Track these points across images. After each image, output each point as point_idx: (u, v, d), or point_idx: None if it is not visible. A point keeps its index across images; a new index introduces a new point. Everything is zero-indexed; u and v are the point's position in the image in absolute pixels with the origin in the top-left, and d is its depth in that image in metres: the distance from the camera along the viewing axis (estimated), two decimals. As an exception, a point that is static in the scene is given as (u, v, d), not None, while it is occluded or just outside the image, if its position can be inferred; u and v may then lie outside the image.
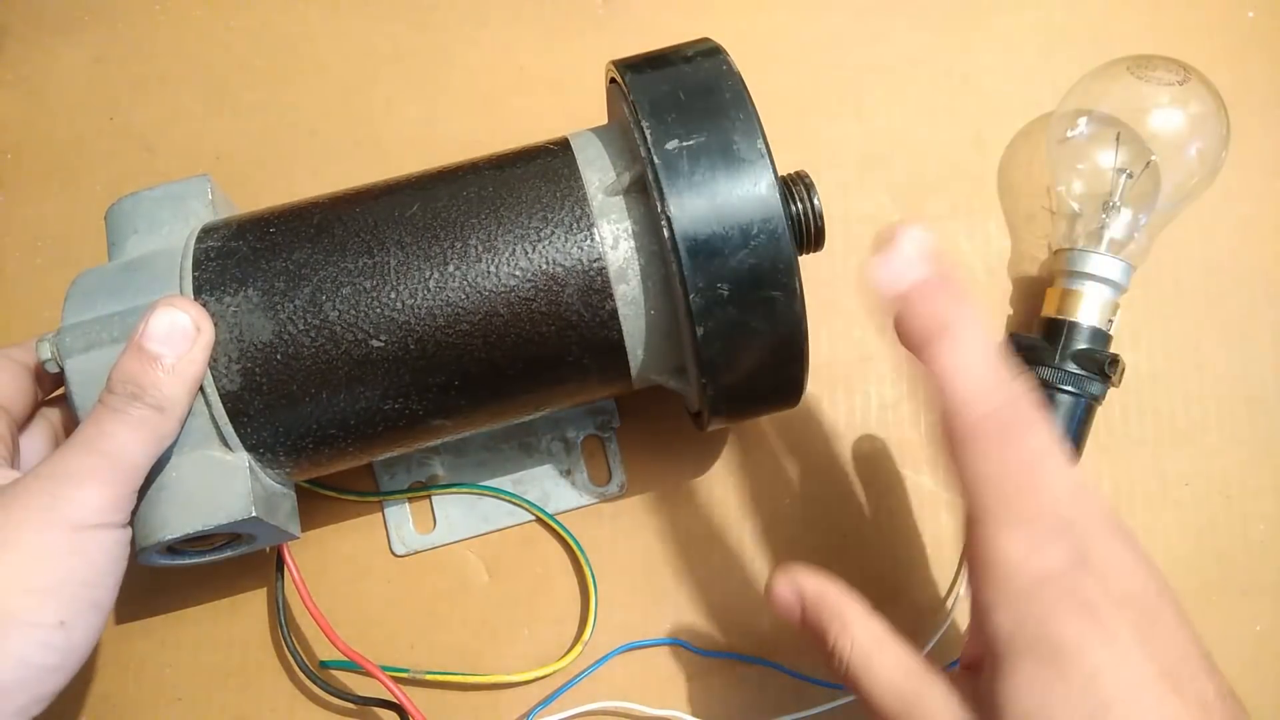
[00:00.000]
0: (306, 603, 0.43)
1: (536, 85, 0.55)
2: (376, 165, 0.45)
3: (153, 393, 0.36)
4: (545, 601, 0.49)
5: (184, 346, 0.36)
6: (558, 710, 0.46)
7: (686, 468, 0.50)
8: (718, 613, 0.48)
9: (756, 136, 0.37)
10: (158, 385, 0.36)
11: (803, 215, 0.40)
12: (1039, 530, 0.32)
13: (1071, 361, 0.46)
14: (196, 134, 0.55)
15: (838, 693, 0.46)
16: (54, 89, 0.55)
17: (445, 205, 0.39)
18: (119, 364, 0.36)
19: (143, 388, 0.36)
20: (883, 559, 0.49)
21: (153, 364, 0.36)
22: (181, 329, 0.36)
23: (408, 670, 0.46)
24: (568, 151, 0.40)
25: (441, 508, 0.49)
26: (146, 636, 0.48)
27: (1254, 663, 0.48)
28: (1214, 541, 0.49)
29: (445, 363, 0.38)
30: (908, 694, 0.34)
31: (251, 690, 0.48)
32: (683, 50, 0.40)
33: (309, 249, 0.38)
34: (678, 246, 0.36)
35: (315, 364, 0.38)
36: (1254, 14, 0.55)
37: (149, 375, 0.36)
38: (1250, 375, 0.51)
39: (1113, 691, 0.30)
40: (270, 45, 0.56)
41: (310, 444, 0.39)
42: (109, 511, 0.35)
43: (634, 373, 0.41)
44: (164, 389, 0.36)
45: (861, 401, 0.51)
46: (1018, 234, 0.53)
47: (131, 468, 0.36)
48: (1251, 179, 0.52)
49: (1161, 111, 0.48)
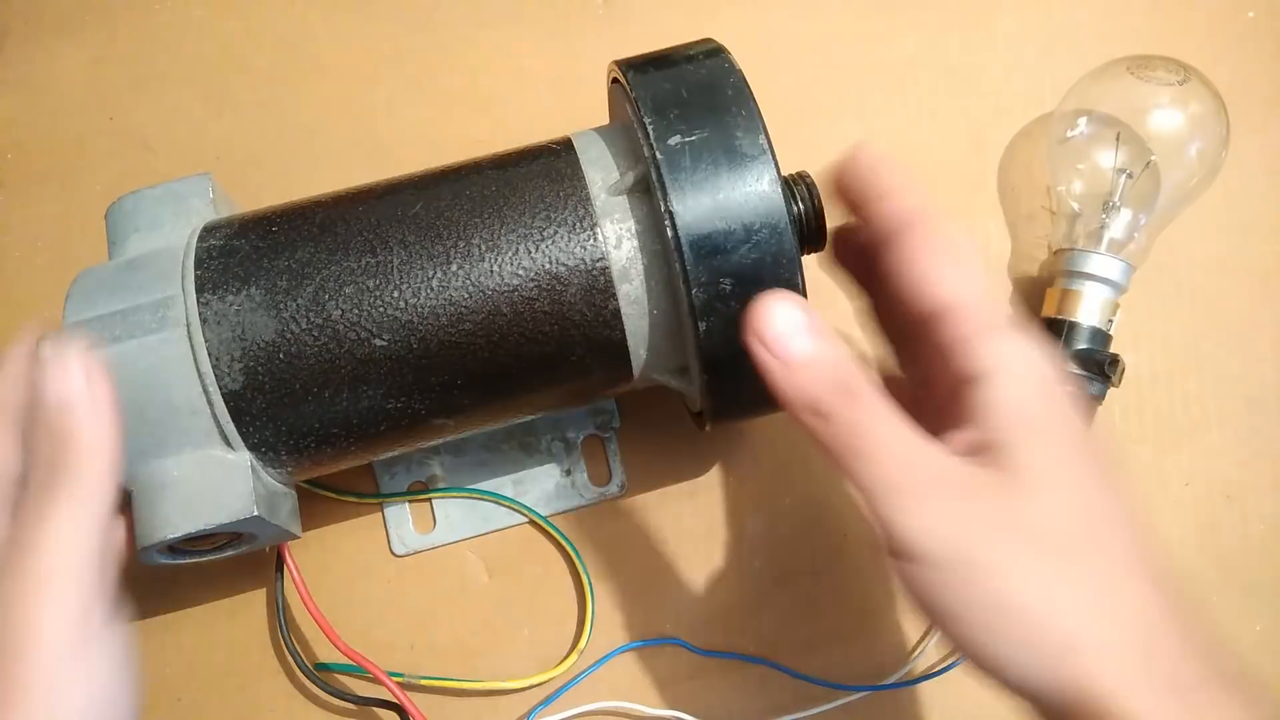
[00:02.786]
0: (306, 603, 0.43)
1: (537, 85, 0.55)
2: (376, 165, 0.45)
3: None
4: (545, 601, 0.49)
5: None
6: (558, 710, 0.46)
7: (686, 468, 0.50)
8: (718, 613, 0.48)
9: (759, 133, 0.37)
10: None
11: (804, 215, 0.40)
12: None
13: (1071, 361, 0.46)
14: (196, 134, 0.55)
15: (838, 693, 0.46)
16: (54, 89, 0.55)
17: (448, 204, 0.39)
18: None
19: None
20: (883, 560, 0.49)
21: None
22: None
23: (402, 675, 0.46)
24: (570, 151, 0.40)
25: (441, 508, 0.49)
26: (146, 636, 0.48)
27: (1254, 663, 0.48)
28: (1214, 541, 0.49)
29: (448, 362, 0.38)
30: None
31: (251, 690, 0.48)
32: (685, 50, 0.40)
33: (312, 248, 0.38)
34: (680, 242, 0.36)
35: (318, 363, 0.38)
36: (1254, 14, 0.55)
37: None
38: (1250, 375, 0.51)
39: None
40: (270, 45, 0.56)
41: (312, 443, 0.39)
42: (107, 611, 0.35)
43: (636, 372, 0.41)
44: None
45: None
46: (1018, 234, 0.53)
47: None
48: (1251, 179, 0.53)
49: (1161, 111, 0.48)
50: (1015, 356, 0.32)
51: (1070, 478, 0.31)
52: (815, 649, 0.48)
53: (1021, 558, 0.29)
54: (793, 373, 0.31)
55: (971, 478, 0.30)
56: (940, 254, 0.33)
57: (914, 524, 0.30)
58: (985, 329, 0.32)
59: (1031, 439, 0.31)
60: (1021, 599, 0.29)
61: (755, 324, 0.32)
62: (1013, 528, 0.30)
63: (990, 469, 0.30)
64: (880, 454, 0.30)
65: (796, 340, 0.32)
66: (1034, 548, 0.30)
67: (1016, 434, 0.31)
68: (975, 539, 0.30)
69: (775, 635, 0.48)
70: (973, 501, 0.30)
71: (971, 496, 0.30)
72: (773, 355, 0.32)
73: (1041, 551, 0.30)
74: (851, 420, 0.31)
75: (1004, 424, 0.31)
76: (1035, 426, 0.31)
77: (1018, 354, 0.32)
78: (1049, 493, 0.30)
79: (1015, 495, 0.30)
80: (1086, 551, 0.30)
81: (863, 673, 0.47)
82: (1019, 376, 0.31)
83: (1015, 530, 0.30)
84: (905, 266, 0.34)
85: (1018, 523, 0.30)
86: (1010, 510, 0.30)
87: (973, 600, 0.29)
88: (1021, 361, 0.32)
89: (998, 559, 0.29)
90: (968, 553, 0.29)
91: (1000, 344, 0.32)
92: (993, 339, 0.32)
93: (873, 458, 0.30)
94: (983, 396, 0.31)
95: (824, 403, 0.31)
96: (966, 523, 0.30)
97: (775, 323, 0.32)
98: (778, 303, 0.32)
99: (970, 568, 0.29)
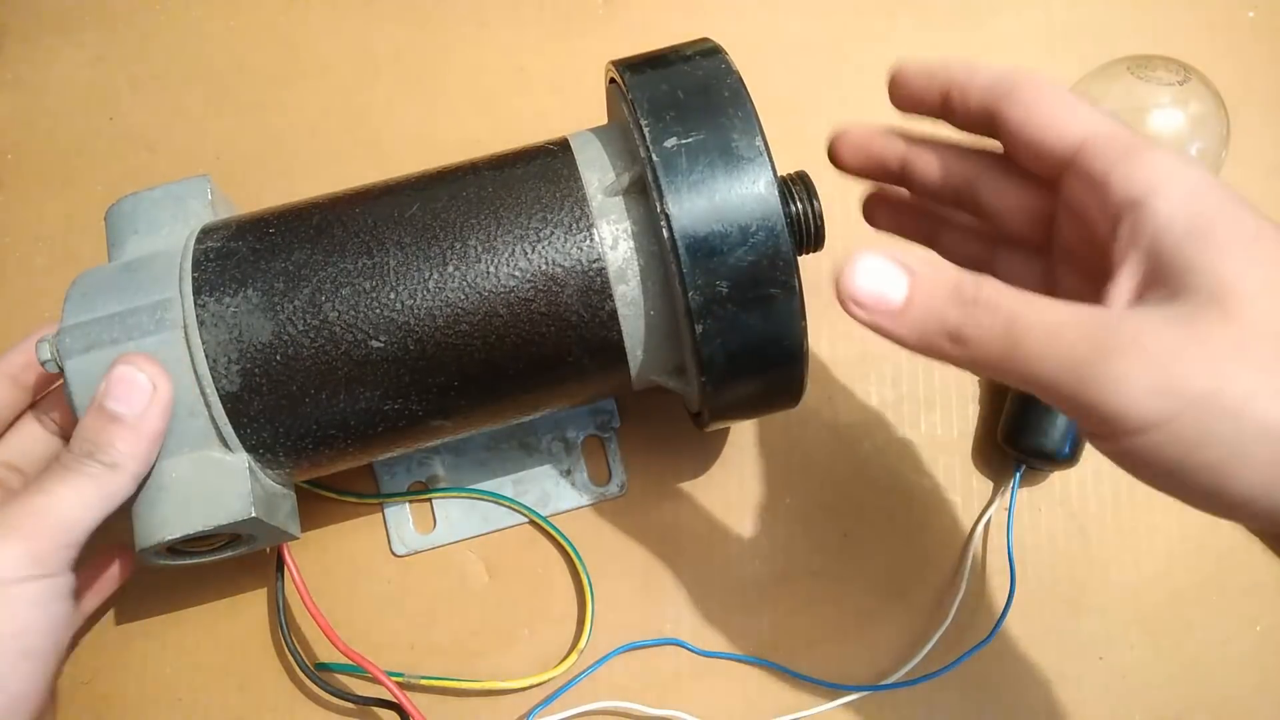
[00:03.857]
0: (306, 603, 0.43)
1: (536, 85, 0.55)
2: (376, 165, 0.45)
3: (107, 450, 0.36)
4: (545, 601, 0.49)
5: (141, 404, 0.36)
6: (558, 710, 0.46)
7: (686, 468, 0.50)
8: (718, 613, 0.48)
9: (755, 135, 0.37)
10: (112, 443, 0.36)
11: (802, 215, 0.40)
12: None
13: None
14: (196, 134, 0.55)
15: (838, 693, 0.46)
16: (54, 89, 0.55)
17: (445, 206, 0.39)
18: (81, 421, 0.37)
19: (98, 445, 0.36)
20: (882, 560, 0.49)
21: (110, 422, 0.36)
22: (139, 387, 0.36)
23: (402, 675, 0.46)
24: (567, 152, 0.40)
25: (441, 508, 0.49)
26: (146, 636, 0.48)
27: (1254, 663, 0.48)
28: (1214, 541, 0.49)
29: (445, 363, 0.38)
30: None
31: (251, 690, 0.48)
32: (682, 50, 0.40)
33: (308, 249, 0.38)
34: (677, 244, 0.36)
35: (315, 365, 0.38)
36: (1254, 14, 0.55)
37: (105, 433, 0.36)
38: (1250, 375, 0.51)
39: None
40: (270, 45, 0.56)
41: (310, 444, 0.39)
42: (30, 566, 0.36)
43: (634, 373, 0.41)
44: (119, 447, 0.36)
45: (862, 401, 0.51)
46: (1018, 234, 0.52)
47: (65, 524, 0.37)
48: (1251, 179, 0.52)
49: (1161, 111, 0.48)
50: (1172, 168, 0.29)
51: (1272, 278, 0.27)
52: (815, 649, 0.48)
53: (1258, 376, 0.26)
54: (906, 318, 0.30)
55: (1166, 318, 0.27)
56: (1061, 97, 0.32)
57: (1130, 390, 0.27)
58: (1133, 149, 0.30)
59: (1214, 248, 0.27)
60: (1274, 416, 0.26)
61: (845, 293, 0.30)
62: (1236, 350, 0.27)
63: (1180, 300, 0.27)
64: (1051, 337, 0.28)
65: (890, 287, 0.30)
66: (1265, 362, 0.26)
67: (1195, 247, 0.28)
68: (1202, 379, 0.26)
69: (775, 635, 0.48)
70: (1181, 343, 0.27)
71: (1176, 337, 0.27)
72: (880, 315, 0.30)
73: (1274, 363, 0.26)
74: (996, 322, 0.29)
75: (1181, 240, 0.28)
76: (1215, 235, 0.28)
77: (1174, 166, 0.29)
78: (1258, 301, 0.27)
79: (1222, 316, 0.27)
80: None
81: (863, 673, 0.47)
82: (1183, 185, 0.29)
83: (1239, 352, 0.26)
84: (1030, 119, 0.32)
85: (1239, 343, 0.27)
86: (1223, 334, 0.27)
87: (1222, 438, 0.26)
88: (1180, 171, 0.29)
89: (1234, 388, 0.26)
90: (1201, 396, 0.26)
91: (1154, 158, 0.29)
92: (1144, 156, 0.29)
93: (1045, 344, 0.28)
94: (1149, 217, 0.28)
95: (953, 323, 0.29)
96: (1186, 366, 0.26)
97: (861, 283, 0.30)
98: (856, 263, 0.30)
99: (1206, 409, 0.26)
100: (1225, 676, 0.48)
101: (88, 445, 0.37)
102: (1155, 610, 0.49)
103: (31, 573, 0.36)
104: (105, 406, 0.36)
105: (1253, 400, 0.26)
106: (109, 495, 0.37)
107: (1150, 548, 0.49)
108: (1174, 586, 0.49)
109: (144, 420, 0.36)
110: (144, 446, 0.37)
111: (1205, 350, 0.27)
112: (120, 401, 0.36)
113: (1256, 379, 0.26)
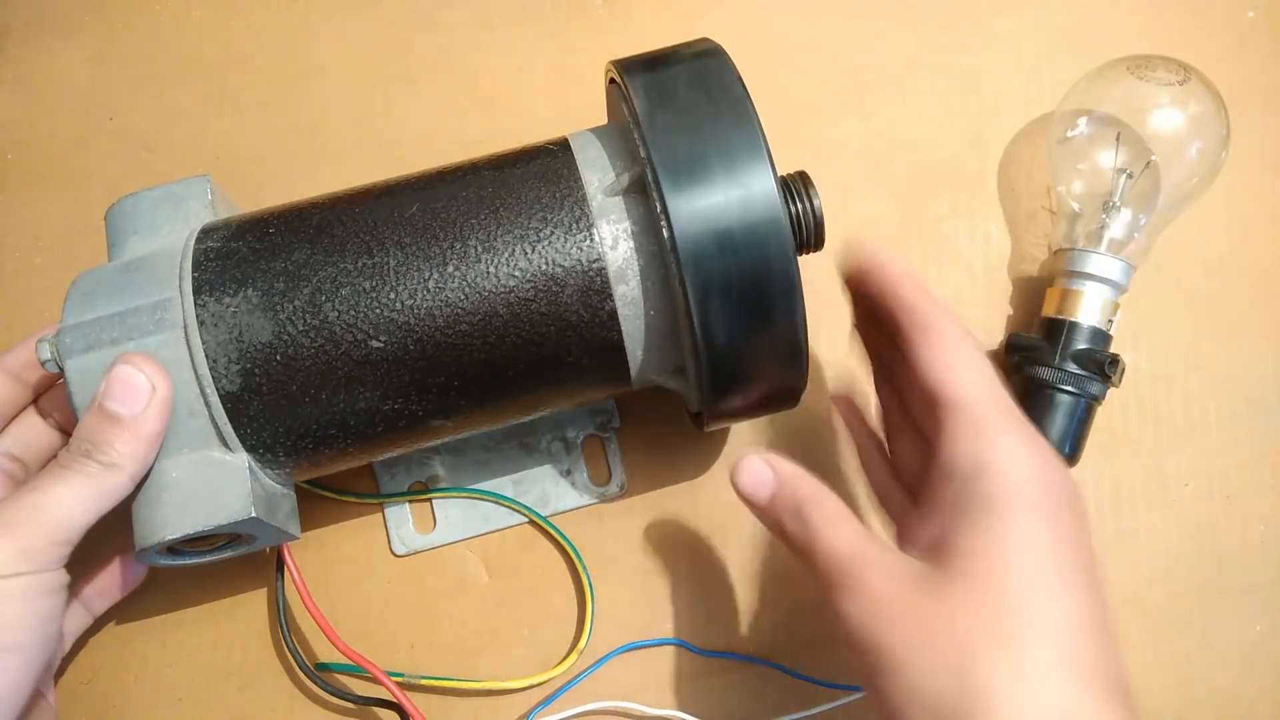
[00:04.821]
0: (306, 603, 0.43)
1: (536, 85, 0.55)
2: (376, 165, 0.45)
3: (106, 450, 0.36)
4: (545, 601, 0.49)
5: (140, 404, 0.36)
6: (558, 710, 0.46)
7: (686, 468, 0.50)
8: (718, 613, 0.48)
9: (756, 136, 0.37)
10: (110, 443, 0.36)
11: (802, 215, 0.40)
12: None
13: (1071, 361, 0.46)
14: (196, 134, 0.55)
15: (838, 693, 0.46)
16: (54, 89, 0.56)
17: (445, 206, 0.39)
18: (81, 420, 0.37)
19: (96, 445, 0.37)
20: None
21: (109, 422, 0.36)
22: (138, 387, 0.37)
23: (403, 675, 0.46)
24: (567, 152, 0.40)
25: (441, 508, 0.49)
26: (146, 636, 0.48)
27: (1254, 663, 0.48)
28: (1214, 542, 0.49)
29: (445, 363, 0.38)
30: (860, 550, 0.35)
31: (251, 690, 0.48)
32: (682, 50, 0.40)
33: (308, 250, 0.38)
34: (677, 246, 0.36)
35: (315, 365, 0.38)
36: (1254, 14, 0.55)
37: (103, 433, 0.36)
38: (1250, 375, 0.51)
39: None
40: (270, 45, 0.56)
41: (310, 444, 0.39)
42: (19, 562, 0.36)
43: (634, 373, 0.41)
44: (117, 447, 0.36)
45: (861, 402, 0.51)
46: (1018, 234, 0.53)
47: (58, 522, 0.37)
48: (1251, 179, 0.52)
49: (1161, 111, 0.48)
50: (1009, 458, 0.34)
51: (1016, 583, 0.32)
52: (815, 649, 0.48)
53: (928, 655, 0.32)
54: (764, 513, 0.39)
55: (905, 572, 0.34)
56: (955, 354, 0.37)
57: (845, 608, 0.34)
58: (984, 430, 0.35)
59: (985, 542, 0.33)
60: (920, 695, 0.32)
61: (735, 483, 0.39)
62: (929, 625, 0.32)
63: (932, 564, 0.34)
64: (826, 552, 0.36)
65: (759, 491, 0.38)
66: (945, 645, 0.32)
67: (971, 537, 0.33)
68: (891, 632, 0.33)
69: (775, 635, 0.48)
70: (897, 595, 0.33)
71: (897, 590, 0.34)
72: (751, 504, 0.39)
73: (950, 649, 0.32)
74: (806, 532, 0.37)
75: (964, 524, 0.34)
76: (995, 531, 0.33)
77: (1012, 456, 0.34)
78: (981, 593, 0.32)
79: (944, 594, 0.33)
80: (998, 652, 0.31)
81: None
82: (1005, 479, 0.34)
83: (930, 628, 0.32)
84: (922, 359, 0.37)
85: (934, 621, 0.32)
86: (933, 608, 0.33)
87: (879, 689, 0.33)
88: (1012, 462, 0.34)
89: (905, 654, 0.32)
90: (883, 643, 0.33)
91: (997, 443, 0.35)
92: (991, 439, 0.35)
93: (821, 555, 0.36)
94: (961, 491, 0.35)
95: (787, 526, 0.38)
96: (886, 615, 0.33)
97: (744, 482, 0.39)
98: (743, 466, 0.39)
99: (879, 657, 0.33)
100: (1225, 676, 0.48)
101: (86, 444, 0.37)
102: (1155, 610, 0.49)
103: (20, 569, 0.36)
104: (104, 406, 0.36)
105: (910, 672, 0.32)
106: (105, 494, 0.37)
107: (1150, 548, 0.49)
108: (1174, 586, 0.49)
109: (143, 420, 0.36)
110: (142, 447, 0.37)
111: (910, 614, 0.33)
112: (119, 401, 0.36)
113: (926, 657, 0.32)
